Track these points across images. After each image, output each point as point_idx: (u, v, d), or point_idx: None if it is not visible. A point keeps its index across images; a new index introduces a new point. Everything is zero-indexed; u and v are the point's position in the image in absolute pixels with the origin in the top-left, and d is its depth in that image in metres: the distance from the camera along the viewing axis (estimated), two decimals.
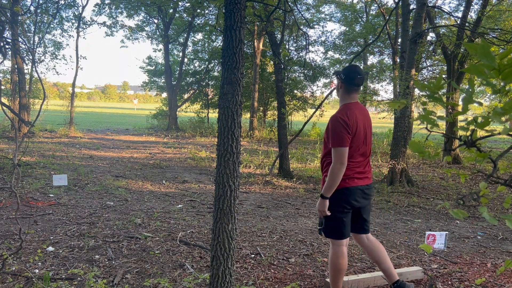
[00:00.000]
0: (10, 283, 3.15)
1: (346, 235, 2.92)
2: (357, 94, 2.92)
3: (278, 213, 5.83)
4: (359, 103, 2.93)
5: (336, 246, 2.91)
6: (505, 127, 1.03)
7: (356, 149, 2.86)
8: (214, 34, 21.30)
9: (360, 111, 2.89)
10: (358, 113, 2.86)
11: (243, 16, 2.39)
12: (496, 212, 6.27)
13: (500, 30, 11.18)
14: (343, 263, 2.89)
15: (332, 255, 2.92)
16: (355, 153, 2.86)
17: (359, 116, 2.86)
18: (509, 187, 1.19)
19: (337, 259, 2.89)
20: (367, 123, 2.92)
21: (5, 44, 9.45)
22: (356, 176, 2.86)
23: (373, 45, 19.53)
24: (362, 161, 2.90)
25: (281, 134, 9.02)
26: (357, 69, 2.90)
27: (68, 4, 17.39)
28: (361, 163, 2.89)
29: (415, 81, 1.28)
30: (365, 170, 2.91)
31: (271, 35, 8.95)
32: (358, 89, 2.89)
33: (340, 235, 2.89)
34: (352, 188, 2.85)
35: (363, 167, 2.90)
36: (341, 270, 2.90)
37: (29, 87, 15.95)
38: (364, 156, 2.91)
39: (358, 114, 2.86)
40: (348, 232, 2.93)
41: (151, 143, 15.21)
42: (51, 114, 17.87)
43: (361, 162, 2.89)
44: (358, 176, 2.87)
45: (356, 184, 2.86)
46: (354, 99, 2.90)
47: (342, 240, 2.91)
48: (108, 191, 6.65)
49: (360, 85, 2.89)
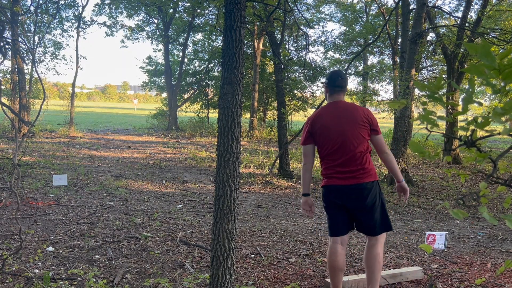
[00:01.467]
0: (10, 283, 3.15)
1: (335, 233, 2.91)
2: (341, 94, 2.95)
3: (278, 213, 5.83)
4: (341, 101, 2.93)
5: (330, 242, 2.95)
6: (505, 128, 1.03)
7: (325, 147, 2.88)
8: (214, 34, 21.30)
9: (339, 109, 2.89)
10: (331, 111, 2.89)
11: (243, 16, 2.39)
12: (496, 212, 6.27)
13: (500, 30, 11.18)
14: (335, 260, 2.87)
15: (327, 251, 2.97)
16: (327, 152, 2.88)
17: (333, 114, 2.87)
18: (509, 187, 1.19)
19: (329, 256, 2.92)
20: (350, 120, 2.84)
21: (5, 44, 9.45)
22: (336, 176, 2.85)
23: (373, 45, 19.53)
24: (343, 160, 2.83)
25: (281, 134, 9.02)
26: (338, 72, 3.01)
27: (68, 4, 17.40)
28: (343, 162, 2.83)
29: (415, 81, 1.28)
30: (350, 170, 2.82)
31: (271, 35, 8.95)
32: (341, 89, 2.94)
33: (330, 230, 2.94)
34: (329, 186, 2.88)
35: (347, 166, 2.82)
36: (333, 268, 2.88)
37: (29, 87, 15.94)
38: (346, 155, 2.82)
39: (331, 112, 2.89)
40: (338, 230, 2.91)
41: (151, 143, 15.21)
42: (51, 114, 17.87)
43: (341, 161, 2.83)
44: (338, 175, 2.84)
45: (334, 183, 2.85)
46: (336, 98, 2.94)
47: (336, 237, 2.91)
48: (108, 191, 6.65)
49: (342, 86, 2.93)
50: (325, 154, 2.92)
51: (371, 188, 2.83)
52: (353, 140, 2.82)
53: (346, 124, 2.84)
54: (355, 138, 2.82)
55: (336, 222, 2.92)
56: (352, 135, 2.82)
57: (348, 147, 2.82)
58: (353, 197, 2.83)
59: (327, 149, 2.89)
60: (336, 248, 2.89)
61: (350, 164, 2.82)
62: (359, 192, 2.82)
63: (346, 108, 2.90)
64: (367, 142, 2.90)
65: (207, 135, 18.91)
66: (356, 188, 2.81)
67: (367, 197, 2.82)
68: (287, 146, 8.92)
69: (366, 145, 2.88)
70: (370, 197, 2.82)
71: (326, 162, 2.92)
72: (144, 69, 24.74)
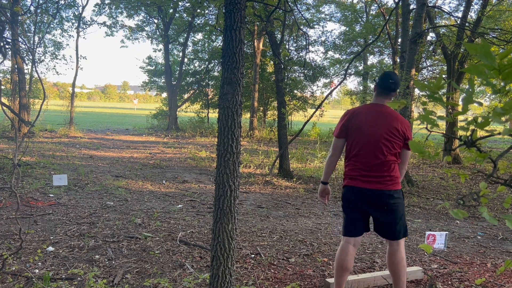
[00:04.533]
0: (10, 283, 3.15)
1: (350, 233, 2.92)
2: (387, 98, 2.90)
3: (278, 213, 5.83)
4: (385, 106, 2.87)
5: (343, 241, 2.96)
6: (505, 128, 1.03)
7: (354, 147, 2.87)
8: (214, 34, 21.29)
9: (379, 114, 2.84)
10: (370, 113, 2.85)
11: (243, 16, 2.39)
12: (496, 212, 6.27)
13: (500, 30, 11.18)
14: (345, 260, 2.89)
15: (338, 250, 2.98)
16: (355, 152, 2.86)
17: (371, 116, 2.83)
18: (509, 187, 1.19)
19: (339, 254, 2.92)
20: (386, 128, 2.80)
21: (5, 44, 9.45)
22: (360, 178, 2.84)
23: (373, 45, 19.54)
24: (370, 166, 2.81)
25: (281, 134, 9.02)
26: (391, 74, 2.93)
27: (68, 4, 17.40)
28: (370, 167, 2.81)
29: (415, 81, 1.28)
30: (377, 175, 2.81)
31: (271, 35, 8.95)
32: (388, 92, 2.88)
33: (345, 230, 2.95)
34: (352, 187, 2.88)
35: (373, 171, 2.81)
36: (342, 267, 2.90)
37: (29, 87, 15.94)
38: (374, 161, 2.80)
39: (370, 114, 2.85)
40: (353, 232, 2.92)
41: (151, 143, 15.21)
42: (51, 114, 17.87)
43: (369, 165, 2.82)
44: (363, 178, 2.83)
45: (357, 185, 2.84)
46: (381, 101, 2.90)
47: (349, 238, 2.92)
48: (108, 191, 6.65)
49: (390, 89, 2.87)
50: (352, 155, 2.90)
51: (395, 195, 2.82)
52: (384, 148, 2.80)
53: (381, 130, 2.79)
54: (387, 147, 2.80)
55: (353, 223, 2.92)
56: (384, 143, 2.80)
57: (378, 154, 2.80)
58: (376, 202, 2.83)
59: (355, 150, 2.87)
60: (348, 248, 2.91)
61: (377, 170, 2.81)
62: (383, 198, 2.81)
63: (386, 114, 2.84)
64: (398, 153, 2.86)
65: (207, 135, 18.91)
66: (381, 194, 2.80)
67: (391, 204, 2.81)
68: (287, 146, 8.92)
69: (397, 155, 2.86)
70: (394, 205, 2.82)
71: (353, 163, 2.90)
72: (144, 69, 24.74)
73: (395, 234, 2.89)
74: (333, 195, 7.16)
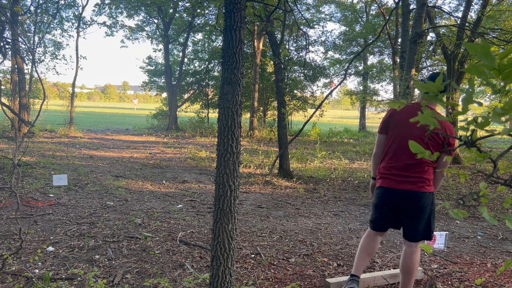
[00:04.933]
0: (10, 283, 3.15)
1: (377, 229, 3.01)
2: None
3: (278, 213, 5.83)
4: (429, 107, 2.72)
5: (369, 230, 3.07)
6: (505, 128, 1.03)
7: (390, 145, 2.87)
8: (214, 34, 21.29)
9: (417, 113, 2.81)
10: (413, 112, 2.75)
11: (243, 16, 2.39)
12: (496, 212, 6.27)
13: (500, 30, 11.18)
14: (370, 243, 3.01)
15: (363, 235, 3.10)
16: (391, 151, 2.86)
17: (408, 116, 2.76)
18: (509, 187, 1.19)
19: (365, 238, 3.05)
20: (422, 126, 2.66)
21: (5, 44, 9.45)
22: (391, 177, 2.85)
23: (373, 45, 19.54)
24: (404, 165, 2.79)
25: (281, 134, 9.01)
26: (437, 75, 2.88)
27: (68, 4, 17.40)
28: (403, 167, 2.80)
29: (415, 81, 1.29)
30: (408, 175, 2.79)
31: (271, 35, 8.95)
32: None
33: (372, 224, 3.04)
34: (384, 188, 2.91)
35: (406, 171, 2.80)
36: (365, 250, 3.02)
37: (29, 87, 15.94)
38: (407, 161, 2.78)
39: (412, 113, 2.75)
40: (380, 227, 3.00)
41: (151, 143, 15.21)
42: (51, 114, 17.87)
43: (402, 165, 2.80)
44: (394, 178, 2.83)
45: (389, 185, 2.86)
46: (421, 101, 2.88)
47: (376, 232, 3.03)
48: (108, 191, 6.65)
49: None
50: (388, 152, 2.89)
51: (425, 198, 2.80)
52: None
53: (418, 130, 2.71)
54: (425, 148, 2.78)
55: (381, 220, 3.00)
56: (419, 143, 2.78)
57: (412, 154, 2.75)
58: (405, 202, 2.83)
59: (391, 148, 2.87)
60: (371, 234, 3.03)
61: (409, 170, 2.80)
62: (410, 199, 2.80)
63: None
64: None
65: (207, 135, 18.90)
66: (411, 195, 2.79)
67: (419, 206, 2.80)
68: (287, 146, 8.92)
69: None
70: (423, 207, 2.80)
71: (387, 161, 2.90)
72: (144, 69, 24.74)
73: (413, 235, 2.89)
74: (333, 195, 7.16)
